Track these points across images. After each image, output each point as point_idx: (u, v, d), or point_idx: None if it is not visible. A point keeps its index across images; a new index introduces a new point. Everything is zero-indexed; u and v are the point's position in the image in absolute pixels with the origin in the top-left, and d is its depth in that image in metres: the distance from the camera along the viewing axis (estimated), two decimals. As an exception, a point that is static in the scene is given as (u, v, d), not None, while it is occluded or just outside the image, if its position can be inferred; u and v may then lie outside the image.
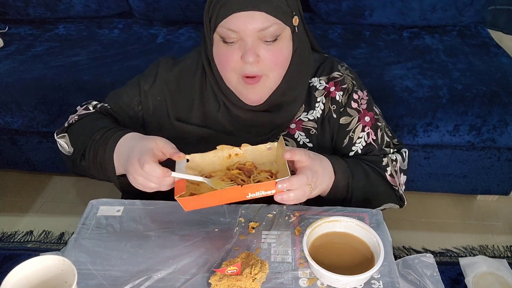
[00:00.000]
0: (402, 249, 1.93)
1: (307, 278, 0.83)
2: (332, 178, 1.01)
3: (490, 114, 1.80)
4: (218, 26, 0.98)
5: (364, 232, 0.87)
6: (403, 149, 1.18)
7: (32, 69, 1.99)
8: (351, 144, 1.13)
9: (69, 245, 0.91)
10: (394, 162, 1.13)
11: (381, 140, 1.15)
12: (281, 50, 1.01)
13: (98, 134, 1.05)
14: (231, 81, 1.04)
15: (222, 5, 0.96)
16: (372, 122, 1.14)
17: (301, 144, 1.12)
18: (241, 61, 0.99)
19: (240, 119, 1.11)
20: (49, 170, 2.20)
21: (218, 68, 1.06)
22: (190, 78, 1.15)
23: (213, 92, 1.12)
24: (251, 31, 0.96)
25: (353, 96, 1.13)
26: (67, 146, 1.11)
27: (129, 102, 1.17)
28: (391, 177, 1.12)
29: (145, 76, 1.18)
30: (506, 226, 2.07)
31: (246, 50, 0.97)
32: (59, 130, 1.15)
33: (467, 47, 2.16)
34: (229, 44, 0.99)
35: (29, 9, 2.38)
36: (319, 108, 1.13)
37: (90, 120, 1.13)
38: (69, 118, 1.17)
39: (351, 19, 2.34)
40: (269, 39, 0.98)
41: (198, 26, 2.37)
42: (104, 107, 1.17)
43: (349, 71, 1.16)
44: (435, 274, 0.93)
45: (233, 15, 0.95)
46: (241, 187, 0.85)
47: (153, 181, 0.90)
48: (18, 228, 2.05)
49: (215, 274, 0.81)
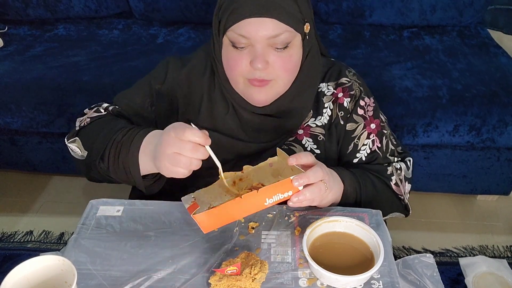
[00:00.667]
0: (402, 249, 1.93)
1: (307, 278, 0.83)
2: (341, 186, 1.00)
3: (489, 114, 1.80)
4: (228, 30, 0.96)
5: (364, 232, 0.87)
6: (407, 158, 1.17)
7: (32, 69, 1.99)
8: (356, 151, 1.12)
9: (69, 245, 0.91)
10: (398, 171, 1.13)
11: (385, 147, 1.14)
12: (291, 57, 0.99)
13: (119, 134, 1.01)
14: (238, 84, 1.03)
15: (233, 9, 0.94)
16: (377, 130, 1.13)
17: (309, 150, 1.11)
18: (249, 66, 0.97)
19: (248, 122, 1.10)
20: (49, 170, 2.20)
21: (226, 71, 1.04)
22: (199, 78, 1.13)
23: (222, 93, 1.10)
24: (262, 37, 0.94)
25: (360, 102, 1.12)
26: (80, 150, 1.07)
27: (142, 103, 1.15)
28: (396, 186, 1.11)
29: (154, 76, 1.16)
30: (506, 226, 2.07)
31: (255, 56, 0.95)
32: (70, 135, 1.11)
33: (466, 47, 2.16)
34: (238, 49, 0.97)
35: (29, 10, 2.38)
36: (327, 114, 1.12)
37: (106, 121, 1.10)
38: (78, 121, 1.14)
39: (351, 19, 2.34)
40: (279, 46, 0.96)
41: (197, 26, 2.37)
42: (117, 109, 1.14)
43: (357, 77, 1.15)
44: (435, 274, 0.92)
45: (245, 21, 0.93)
46: (257, 191, 0.82)
47: (186, 153, 0.84)
48: (18, 228, 2.05)
49: (215, 274, 0.81)
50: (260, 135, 1.11)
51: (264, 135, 1.11)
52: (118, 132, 1.02)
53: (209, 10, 2.31)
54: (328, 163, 1.01)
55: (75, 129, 1.12)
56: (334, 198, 0.99)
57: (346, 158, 1.13)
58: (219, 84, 1.10)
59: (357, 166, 1.12)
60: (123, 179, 1.03)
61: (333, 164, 1.12)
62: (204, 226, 0.84)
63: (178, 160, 0.86)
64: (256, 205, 0.84)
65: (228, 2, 0.96)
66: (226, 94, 1.09)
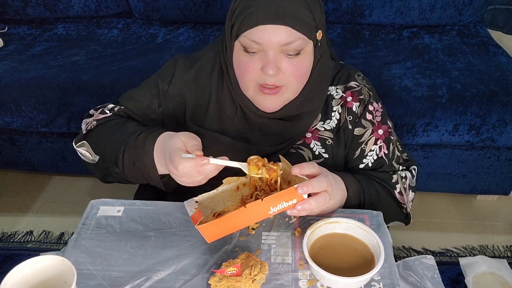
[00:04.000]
0: (402, 249, 1.93)
1: (307, 280, 0.83)
2: (344, 194, 1.00)
3: (489, 114, 1.80)
4: (241, 36, 0.95)
5: (365, 233, 0.87)
6: (412, 166, 1.17)
7: (31, 69, 1.99)
8: (362, 156, 1.12)
9: (69, 245, 0.91)
10: (403, 179, 1.12)
11: (392, 154, 1.13)
12: (302, 64, 0.99)
13: (131, 138, 1.01)
14: (248, 89, 1.02)
15: (247, 15, 0.93)
16: (385, 136, 1.12)
17: (317, 154, 1.10)
18: (260, 71, 0.96)
19: (256, 125, 1.09)
20: (49, 170, 2.20)
21: (237, 75, 1.03)
22: (207, 78, 1.12)
23: (230, 95, 1.09)
24: (275, 44, 0.93)
25: (369, 107, 1.11)
26: (90, 154, 1.07)
27: (149, 104, 1.14)
28: (400, 195, 1.11)
29: (162, 76, 1.14)
30: (506, 226, 2.07)
31: (267, 62, 0.94)
32: (77, 139, 1.10)
33: (466, 47, 2.16)
34: (250, 54, 0.96)
35: (28, 9, 2.38)
36: (335, 117, 1.11)
37: (115, 125, 1.09)
38: (84, 123, 1.13)
39: (350, 18, 2.34)
40: (291, 53, 0.95)
41: (197, 26, 2.37)
42: (123, 110, 1.13)
43: (366, 81, 1.15)
44: (436, 276, 0.93)
45: (258, 27, 0.92)
46: (261, 200, 0.82)
47: (195, 176, 0.88)
48: (18, 228, 2.05)
49: (215, 275, 0.81)
50: (268, 138, 1.10)
51: (272, 138, 1.10)
52: (130, 137, 1.01)
53: (209, 9, 2.31)
54: (336, 167, 1.01)
55: (82, 132, 1.12)
56: (336, 206, 0.98)
57: (352, 164, 1.13)
58: (227, 85, 1.09)
59: (362, 173, 1.11)
60: (141, 181, 1.04)
61: (340, 169, 1.12)
62: (208, 236, 0.84)
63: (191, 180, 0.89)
64: (260, 214, 0.85)
65: (241, 7, 0.95)
66: (235, 96, 1.08)
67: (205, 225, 0.82)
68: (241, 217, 0.84)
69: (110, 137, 1.05)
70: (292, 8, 0.92)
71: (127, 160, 1.01)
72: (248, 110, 1.07)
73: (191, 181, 0.90)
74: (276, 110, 1.05)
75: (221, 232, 0.85)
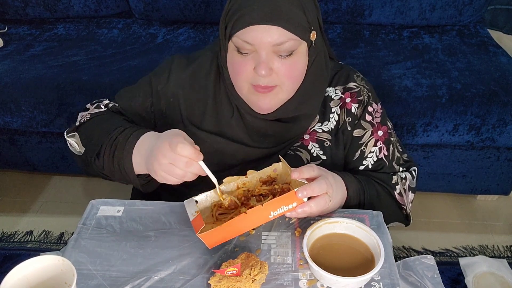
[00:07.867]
0: (402, 249, 1.93)
1: (307, 280, 0.83)
2: (344, 195, 1.00)
3: (489, 114, 1.80)
4: (234, 36, 0.95)
5: (365, 233, 0.87)
6: (412, 167, 1.16)
7: (31, 69, 1.99)
8: (362, 158, 1.12)
9: (69, 245, 0.91)
10: (403, 180, 1.12)
11: (392, 156, 1.13)
12: (296, 64, 0.98)
13: (115, 133, 1.02)
14: (242, 89, 1.02)
15: (240, 15, 0.93)
16: (385, 137, 1.12)
17: (315, 156, 1.10)
18: (253, 72, 0.97)
19: (253, 127, 1.09)
20: (49, 170, 2.20)
21: (231, 75, 1.03)
22: (203, 79, 1.12)
23: (227, 97, 1.09)
24: (266, 44, 0.93)
25: (368, 108, 1.11)
26: (78, 145, 1.08)
27: (142, 102, 1.14)
28: (400, 196, 1.11)
29: (157, 75, 1.14)
30: (506, 226, 2.07)
31: (259, 62, 0.94)
32: (70, 129, 1.12)
33: (466, 47, 2.16)
34: (243, 54, 0.97)
35: (28, 9, 2.38)
36: (334, 119, 1.11)
37: (104, 119, 1.10)
38: (79, 116, 1.14)
39: (350, 18, 2.34)
40: (283, 54, 0.95)
41: (196, 26, 2.37)
42: (116, 107, 1.14)
43: (365, 82, 1.14)
44: (436, 276, 0.93)
45: (250, 28, 0.92)
46: (261, 206, 0.83)
47: (180, 166, 0.87)
48: (18, 228, 2.05)
49: (215, 275, 0.81)
50: (266, 140, 1.10)
51: (270, 140, 1.10)
52: (115, 131, 1.02)
53: (209, 9, 2.31)
54: (334, 169, 1.01)
55: (75, 124, 1.13)
56: (336, 206, 0.98)
57: (352, 165, 1.13)
58: (224, 87, 1.09)
59: (362, 173, 1.11)
60: (118, 177, 1.04)
61: (339, 170, 1.11)
62: (209, 243, 0.85)
63: (172, 170, 0.88)
64: (260, 219, 0.86)
65: (235, 7, 0.95)
66: (231, 98, 1.08)
67: (206, 233, 0.82)
68: (242, 223, 0.84)
69: (97, 130, 1.07)
70: (284, 9, 0.92)
71: (107, 153, 1.02)
72: (244, 112, 1.07)
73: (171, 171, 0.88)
74: (270, 111, 1.04)
75: (222, 238, 0.86)
